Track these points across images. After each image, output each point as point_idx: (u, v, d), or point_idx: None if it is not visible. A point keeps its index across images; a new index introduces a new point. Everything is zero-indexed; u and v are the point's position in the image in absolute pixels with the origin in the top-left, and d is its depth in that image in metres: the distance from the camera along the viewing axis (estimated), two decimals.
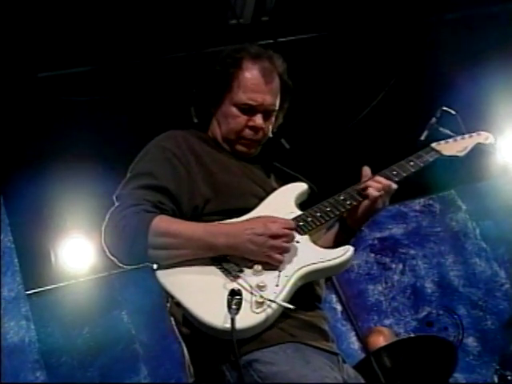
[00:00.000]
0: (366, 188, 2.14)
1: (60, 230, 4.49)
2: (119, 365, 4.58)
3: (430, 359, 3.73)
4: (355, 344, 4.94)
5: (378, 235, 5.44)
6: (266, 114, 2.20)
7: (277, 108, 2.24)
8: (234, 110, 2.18)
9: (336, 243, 2.18)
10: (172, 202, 2.01)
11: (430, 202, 5.61)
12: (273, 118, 2.26)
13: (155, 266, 1.95)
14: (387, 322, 5.05)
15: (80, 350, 4.53)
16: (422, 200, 5.59)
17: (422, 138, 2.51)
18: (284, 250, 1.93)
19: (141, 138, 2.21)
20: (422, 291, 5.27)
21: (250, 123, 2.18)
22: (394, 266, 5.35)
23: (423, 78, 4.58)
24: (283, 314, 1.91)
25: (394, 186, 2.18)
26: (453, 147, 2.39)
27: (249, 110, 2.17)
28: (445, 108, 2.51)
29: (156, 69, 4.02)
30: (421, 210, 5.58)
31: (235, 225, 1.97)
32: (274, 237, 1.91)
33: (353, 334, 4.91)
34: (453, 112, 2.49)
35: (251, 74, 2.18)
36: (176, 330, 2.01)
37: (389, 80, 4.54)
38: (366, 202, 2.13)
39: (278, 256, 1.92)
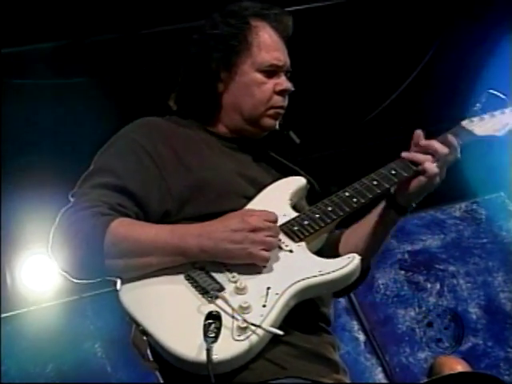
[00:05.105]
0: (415, 162, 2.14)
1: (17, 244, 4.47)
2: None
3: None
4: (382, 382, 4.93)
5: (409, 248, 5.44)
6: (287, 76, 2.28)
7: None
8: (259, 75, 2.22)
9: (378, 225, 2.22)
10: (136, 205, 2.03)
11: (474, 206, 5.62)
12: None
13: (119, 286, 1.94)
14: (421, 355, 5.03)
15: None
16: (463, 204, 5.61)
17: None
18: (268, 246, 1.93)
19: (116, 131, 2.20)
20: (464, 317, 5.24)
21: (278, 87, 2.24)
22: (429, 285, 5.37)
23: (462, 55, 4.55)
24: (279, 342, 1.88)
25: (446, 151, 2.15)
26: (488, 125, 2.33)
27: (273, 72, 2.24)
28: (492, 91, 2.46)
29: (136, 45, 4.02)
30: (462, 216, 5.59)
31: (208, 224, 1.96)
32: (255, 231, 1.92)
33: (379, 369, 4.93)
34: (502, 96, 2.44)
35: (266, 31, 2.25)
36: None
37: (419, 58, 4.51)
38: (421, 178, 2.13)
39: (262, 252, 1.92)
